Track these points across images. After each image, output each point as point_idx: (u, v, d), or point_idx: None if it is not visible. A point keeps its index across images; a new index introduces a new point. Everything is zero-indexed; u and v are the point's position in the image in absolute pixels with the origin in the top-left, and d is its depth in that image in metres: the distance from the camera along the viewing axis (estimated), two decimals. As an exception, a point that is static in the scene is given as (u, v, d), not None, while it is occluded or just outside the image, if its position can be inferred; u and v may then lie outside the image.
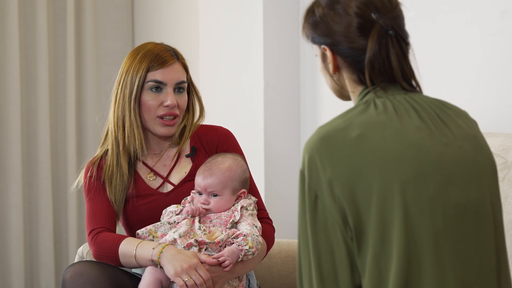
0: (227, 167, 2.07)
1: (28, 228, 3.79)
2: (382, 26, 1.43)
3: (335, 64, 1.49)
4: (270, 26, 3.13)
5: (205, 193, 2.05)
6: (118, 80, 2.15)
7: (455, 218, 1.36)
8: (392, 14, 1.46)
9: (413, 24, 2.59)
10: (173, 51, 2.17)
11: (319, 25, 1.49)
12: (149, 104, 2.12)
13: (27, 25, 3.78)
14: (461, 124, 1.45)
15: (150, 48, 2.15)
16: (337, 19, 1.46)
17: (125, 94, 2.12)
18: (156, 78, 2.11)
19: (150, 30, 4.00)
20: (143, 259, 1.99)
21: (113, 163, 2.15)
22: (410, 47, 1.48)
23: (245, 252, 1.96)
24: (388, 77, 1.45)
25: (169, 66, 2.13)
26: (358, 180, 1.34)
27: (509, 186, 2.01)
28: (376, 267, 1.34)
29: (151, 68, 2.11)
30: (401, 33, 1.46)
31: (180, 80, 2.15)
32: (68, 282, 2.01)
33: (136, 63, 2.12)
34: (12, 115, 3.70)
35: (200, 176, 2.07)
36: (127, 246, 2.02)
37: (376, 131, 1.37)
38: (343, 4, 1.46)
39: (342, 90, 1.53)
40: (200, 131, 2.25)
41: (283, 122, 3.20)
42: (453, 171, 1.38)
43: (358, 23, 1.44)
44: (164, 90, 2.12)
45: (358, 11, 1.44)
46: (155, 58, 2.12)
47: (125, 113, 2.13)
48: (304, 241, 1.40)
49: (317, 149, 1.37)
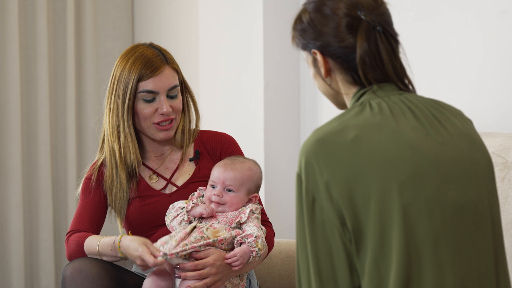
0: (249, 167, 2.08)
1: (28, 228, 3.79)
2: (369, 23, 1.45)
3: (327, 67, 1.49)
4: (270, 26, 3.13)
5: (221, 186, 2.05)
6: (110, 88, 2.14)
7: (453, 217, 1.36)
8: (378, 11, 1.47)
9: (413, 24, 2.59)
10: (162, 56, 2.13)
11: (307, 31, 1.50)
12: (144, 113, 2.12)
13: (27, 25, 3.78)
14: (456, 123, 1.45)
15: (139, 54, 2.12)
16: (325, 21, 1.47)
17: (118, 104, 2.12)
18: (148, 88, 2.10)
19: (150, 30, 4.00)
20: (106, 255, 2.03)
21: (112, 173, 2.16)
22: (400, 45, 1.49)
23: (255, 254, 1.98)
24: (381, 73, 1.46)
25: (159, 74, 2.10)
26: (356, 182, 1.35)
27: (509, 186, 2.01)
28: (375, 269, 1.34)
29: (142, 78, 2.09)
30: (389, 29, 1.47)
31: (172, 86, 2.13)
32: (68, 279, 2.01)
33: (126, 72, 2.10)
34: (12, 115, 3.70)
35: (220, 169, 2.07)
36: (90, 243, 2.06)
37: (372, 133, 1.37)
38: (331, 7, 1.47)
39: (337, 96, 1.53)
40: (204, 136, 2.25)
41: (283, 122, 3.20)
42: (450, 170, 1.38)
43: (346, 22, 1.45)
44: (157, 98, 2.11)
45: (346, 11, 1.46)
46: (145, 66, 2.10)
47: (119, 123, 2.13)
48: (302, 244, 1.40)
49: (314, 152, 1.37)
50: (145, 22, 4.04)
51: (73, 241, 2.10)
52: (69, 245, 2.11)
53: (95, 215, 2.16)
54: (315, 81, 1.55)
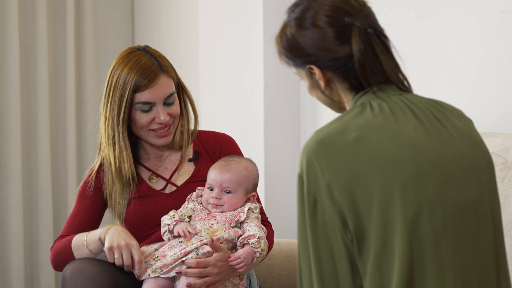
0: (245, 167, 2.08)
1: (28, 228, 3.79)
2: (360, 27, 1.43)
3: (326, 78, 1.48)
4: (270, 26, 3.13)
5: (218, 189, 2.05)
6: (106, 95, 2.13)
7: (454, 217, 1.36)
8: (364, 12, 1.46)
9: (413, 24, 2.59)
10: (157, 64, 2.10)
11: (294, 47, 1.48)
12: (141, 122, 2.11)
13: (27, 25, 3.78)
14: (457, 123, 1.45)
15: (134, 63, 2.09)
16: (310, 34, 1.45)
17: (114, 115, 2.11)
18: (144, 99, 2.09)
19: (150, 30, 4.00)
20: (93, 242, 2.04)
21: (109, 179, 2.17)
22: (390, 41, 1.48)
23: (258, 254, 1.98)
24: (381, 75, 1.45)
25: (155, 84, 2.08)
26: (357, 183, 1.34)
27: (509, 186, 2.01)
28: (378, 269, 1.34)
29: (138, 89, 2.08)
30: (378, 29, 1.46)
31: (168, 94, 2.12)
32: (68, 279, 2.01)
33: (121, 81, 2.08)
34: (12, 115, 3.70)
35: (216, 171, 2.07)
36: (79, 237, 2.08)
37: (373, 133, 1.37)
38: (311, 19, 1.45)
39: (338, 104, 1.52)
40: (203, 136, 2.25)
41: (283, 122, 3.20)
42: (451, 170, 1.38)
43: (335, 33, 1.44)
44: (154, 108, 2.11)
45: (328, 20, 1.44)
46: (141, 76, 2.07)
47: (114, 134, 2.12)
48: (304, 245, 1.40)
49: (315, 153, 1.37)
50: (145, 22, 4.04)
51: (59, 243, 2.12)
52: (54, 248, 2.12)
53: (86, 223, 2.17)
54: (312, 93, 1.53)
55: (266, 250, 2.00)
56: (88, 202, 2.17)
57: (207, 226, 2.01)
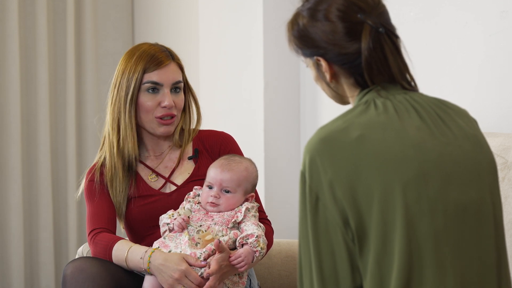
0: (245, 167, 2.08)
1: (28, 228, 3.79)
2: (372, 26, 1.42)
3: (332, 72, 1.48)
4: (270, 26, 3.13)
5: (218, 187, 2.05)
6: (114, 82, 2.16)
7: (456, 218, 1.36)
8: (377, 10, 1.44)
9: (413, 24, 2.59)
10: (168, 52, 2.17)
11: (304, 37, 1.47)
12: (147, 105, 2.12)
13: (27, 25, 3.78)
14: (461, 124, 1.44)
15: (145, 49, 2.15)
16: (321, 27, 1.44)
17: (121, 96, 2.13)
18: (153, 79, 2.12)
19: (150, 30, 4.00)
20: (134, 266, 2.02)
21: (111, 165, 2.16)
22: (400, 40, 1.47)
23: (258, 253, 1.98)
24: (387, 75, 1.45)
25: (165, 66, 2.13)
26: (359, 181, 1.34)
27: (509, 186, 2.01)
28: (378, 268, 1.34)
29: (147, 70, 2.12)
30: (390, 28, 1.45)
31: (177, 80, 2.15)
32: (69, 278, 2.01)
33: (131, 65, 2.13)
34: (12, 115, 3.70)
35: (216, 169, 2.07)
36: (120, 248, 2.04)
37: (377, 132, 1.37)
38: (324, 11, 1.44)
39: (342, 97, 1.52)
40: (203, 135, 2.26)
41: (283, 122, 3.20)
42: (453, 171, 1.38)
43: (345, 28, 1.43)
44: (161, 91, 2.13)
45: (340, 15, 1.43)
46: (150, 59, 2.13)
47: (120, 115, 2.13)
48: (304, 242, 1.40)
49: (318, 150, 1.37)
50: (145, 22, 4.04)
51: (100, 243, 2.08)
52: (96, 244, 2.08)
53: (110, 213, 2.15)
54: (318, 83, 1.53)
55: (265, 248, 2.00)
56: (100, 196, 2.16)
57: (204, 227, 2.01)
